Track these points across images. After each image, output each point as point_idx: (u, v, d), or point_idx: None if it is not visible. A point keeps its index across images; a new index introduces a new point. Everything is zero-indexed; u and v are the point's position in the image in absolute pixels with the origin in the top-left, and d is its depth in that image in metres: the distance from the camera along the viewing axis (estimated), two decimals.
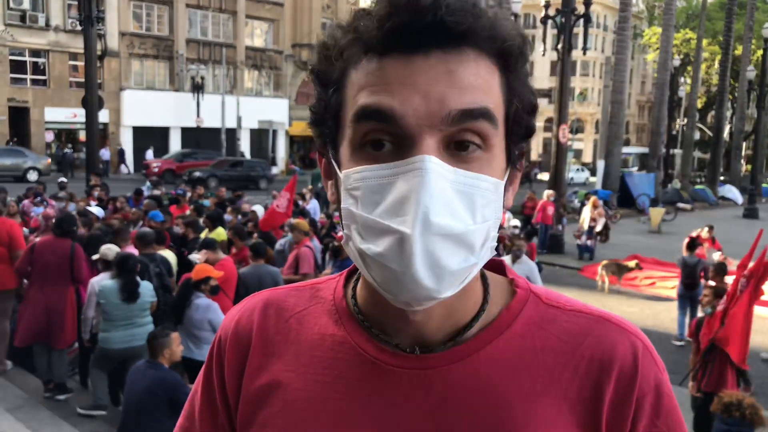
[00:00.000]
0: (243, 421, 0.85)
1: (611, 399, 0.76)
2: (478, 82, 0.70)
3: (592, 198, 16.11)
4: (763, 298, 10.84)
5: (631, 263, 11.38)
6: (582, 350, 0.78)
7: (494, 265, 0.88)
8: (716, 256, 12.08)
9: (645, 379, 0.77)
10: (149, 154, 32.13)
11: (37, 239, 6.52)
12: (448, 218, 0.67)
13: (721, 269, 7.86)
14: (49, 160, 27.65)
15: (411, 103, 0.68)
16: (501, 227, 0.79)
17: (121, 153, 32.14)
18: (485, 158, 0.71)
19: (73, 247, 6.17)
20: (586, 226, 14.69)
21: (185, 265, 6.88)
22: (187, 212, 10.37)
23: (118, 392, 5.71)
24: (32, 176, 24.64)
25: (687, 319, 8.63)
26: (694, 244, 9.30)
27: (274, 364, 0.84)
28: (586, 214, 14.89)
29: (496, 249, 0.73)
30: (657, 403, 0.78)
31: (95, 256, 6.16)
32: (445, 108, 0.68)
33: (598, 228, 14.89)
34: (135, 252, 6.28)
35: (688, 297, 8.79)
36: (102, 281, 5.61)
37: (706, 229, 11.96)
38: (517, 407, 0.75)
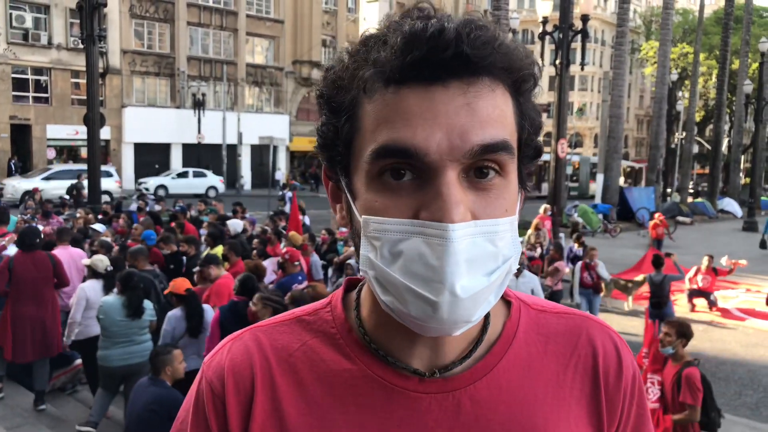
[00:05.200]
0: None
1: (606, 391, 0.84)
2: (496, 114, 0.70)
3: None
4: (762, 310, 10.88)
5: (639, 277, 11.13)
6: (578, 350, 0.85)
7: None
8: (723, 261, 12.07)
9: (627, 370, 0.86)
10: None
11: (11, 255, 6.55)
12: (474, 281, 0.68)
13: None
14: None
15: (434, 139, 0.67)
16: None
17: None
18: (503, 184, 0.72)
19: (51, 258, 6.34)
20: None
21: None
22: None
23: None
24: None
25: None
26: (659, 261, 9.16)
27: (287, 408, 0.79)
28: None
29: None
30: (633, 389, 0.87)
31: (86, 261, 6.30)
32: (467, 143, 0.68)
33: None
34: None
35: (656, 316, 8.50)
36: (94, 287, 5.82)
37: (705, 260, 11.60)
38: (539, 412, 0.80)
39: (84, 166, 17.93)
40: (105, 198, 20.10)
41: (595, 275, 9.35)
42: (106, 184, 23.40)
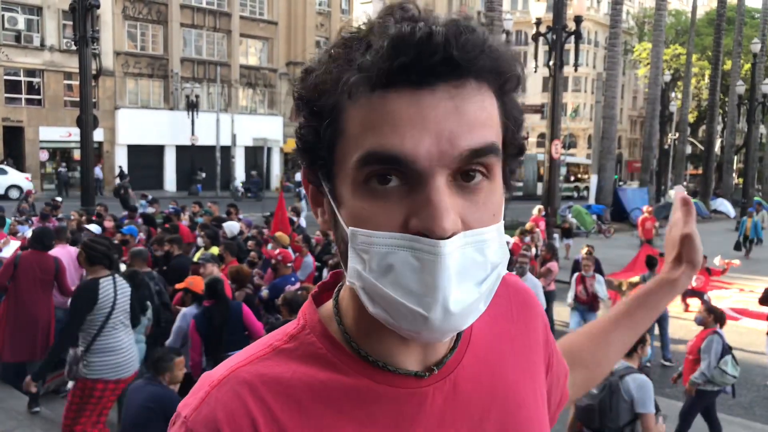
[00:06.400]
0: None
1: (543, 333, 0.95)
2: (483, 116, 0.68)
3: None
4: (755, 309, 10.93)
5: (634, 279, 11.11)
6: (511, 304, 0.93)
7: None
8: (717, 260, 12.11)
9: (539, 306, 0.97)
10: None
11: (20, 253, 6.59)
12: (464, 294, 0.68)
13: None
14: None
15: (423, 146, 0.65)
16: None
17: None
18: (489, 187, 0.71)
19: (56, 262, 6.30)
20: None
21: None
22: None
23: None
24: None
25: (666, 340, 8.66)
26: (652, 261, 9.22)
27: None
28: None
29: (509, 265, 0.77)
30: (544, 319, 0.98)
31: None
32: (456, 148, 0.66)
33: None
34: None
35: None
36: None
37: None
38: (509, 370, 0.87)
39: None
40: None
41: (590, 292, 8.46)
42: None
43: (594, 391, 4.22)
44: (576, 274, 8.92)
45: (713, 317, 6.09)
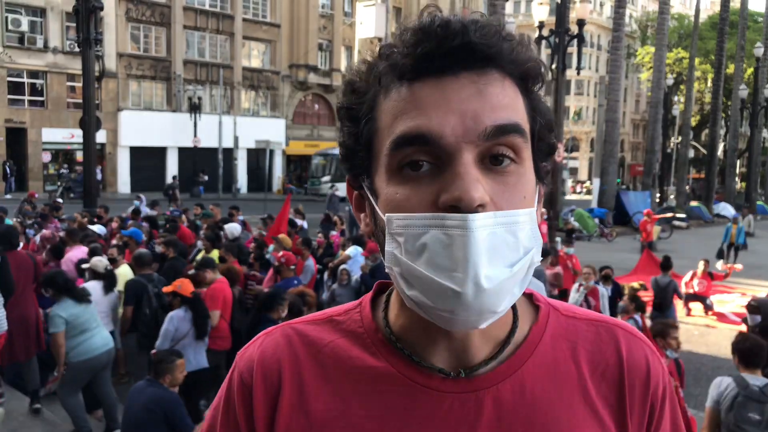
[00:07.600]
0: None
1: (632, 401, 0.83)
2: (506, 101, 0.72)
3: None
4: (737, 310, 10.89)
5: (635, 284, 11.05)
6: (606, 358, 0.84)
7: None
8: (719, 265, 12.10)
9: (654, 381, 0.84)
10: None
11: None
12: (497, 271, 0.69)
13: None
14: None
15: (448, 123, 0.70)
16: None
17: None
18: (519, 171, 0.73)
19: (33, 258, 6.40)
20: None
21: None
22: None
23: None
24: None
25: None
26: (668, 264, 9.21)
27: (313, 402, 0.82)
28: None
29: None
30: (663, 403, 0.85)
31: (85, 265, 6.35)
32: (480, 124, 0.70)
33: None
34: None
35: (660, 318, 8.62)
36: (94, 287, 5.94)
37: (702, 264, 11.53)
38: (561, 417, 0.79)
39: None
40: None
41: (595, 306, 7.72)
42: None
43: (757, 417, 3.96)
44: (576, 285, 8.41)
45: (634, 306, 6.49)
